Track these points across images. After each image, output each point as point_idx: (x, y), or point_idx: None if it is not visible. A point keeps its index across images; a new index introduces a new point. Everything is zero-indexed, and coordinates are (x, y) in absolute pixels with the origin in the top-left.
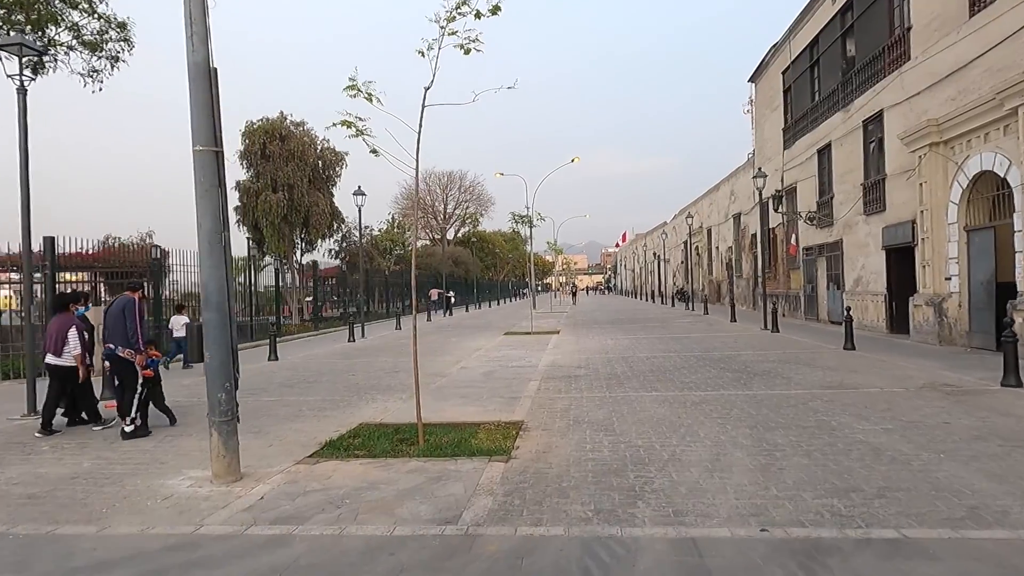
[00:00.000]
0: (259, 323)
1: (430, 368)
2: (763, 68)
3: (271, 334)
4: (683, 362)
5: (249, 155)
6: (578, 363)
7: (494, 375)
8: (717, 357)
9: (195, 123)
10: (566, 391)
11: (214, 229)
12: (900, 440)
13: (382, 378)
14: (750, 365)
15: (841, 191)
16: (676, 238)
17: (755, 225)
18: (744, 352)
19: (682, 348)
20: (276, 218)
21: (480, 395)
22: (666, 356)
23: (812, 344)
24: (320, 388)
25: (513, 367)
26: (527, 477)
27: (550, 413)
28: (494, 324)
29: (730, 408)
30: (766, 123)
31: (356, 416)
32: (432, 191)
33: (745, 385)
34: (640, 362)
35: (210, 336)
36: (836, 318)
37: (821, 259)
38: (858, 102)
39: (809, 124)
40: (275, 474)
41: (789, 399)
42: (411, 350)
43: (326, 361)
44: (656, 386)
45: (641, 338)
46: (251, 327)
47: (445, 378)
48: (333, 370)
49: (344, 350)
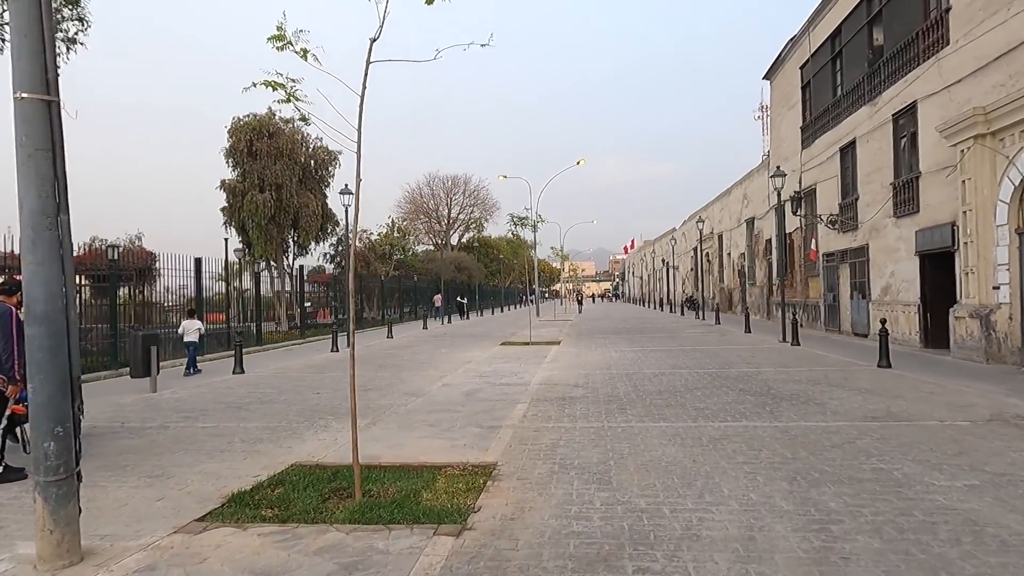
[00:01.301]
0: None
1: (406, 386)
2: (779, 64)
3: (236, 343)
4: (696, 381)
5: (235, 153)
6: (576, 380)
7: (477, 395)
8: (734, 375)
9: (17, 60)
10: (556, 419)
11: (41, 211)
12: (998, 506)
13: (344, 399)
14: (774, 386)
15: (867, 192)
16: (685, 244)
17: (770, 230)
18: (765, 369)
19: (694, 363)
20: (263, 219)
21: (454, 423)
22: (676, 373)
23: (840, 360)
24: (271, 410)
25: (501, 385)
26: (479, 569)
27: (532, 452)
28: (492, 333)
29: (758, 448)
30: (783, 122)
31: (295, 451)
32: (436, 195)
33: (772, 413)
34: (646, 380)
35: (34, 361)
36: (861, 330)
37: (844, 266)
38: (887, 94)
39: (830, 121)
40: (133, 552)
41: (830, 434)
42: (395, 362)
43: (295, 375)
44: (665, 413)
45: (648, 350)
46: (228, 335)
47: (420, 399)
48: (298, 387)
49: (322, 362)
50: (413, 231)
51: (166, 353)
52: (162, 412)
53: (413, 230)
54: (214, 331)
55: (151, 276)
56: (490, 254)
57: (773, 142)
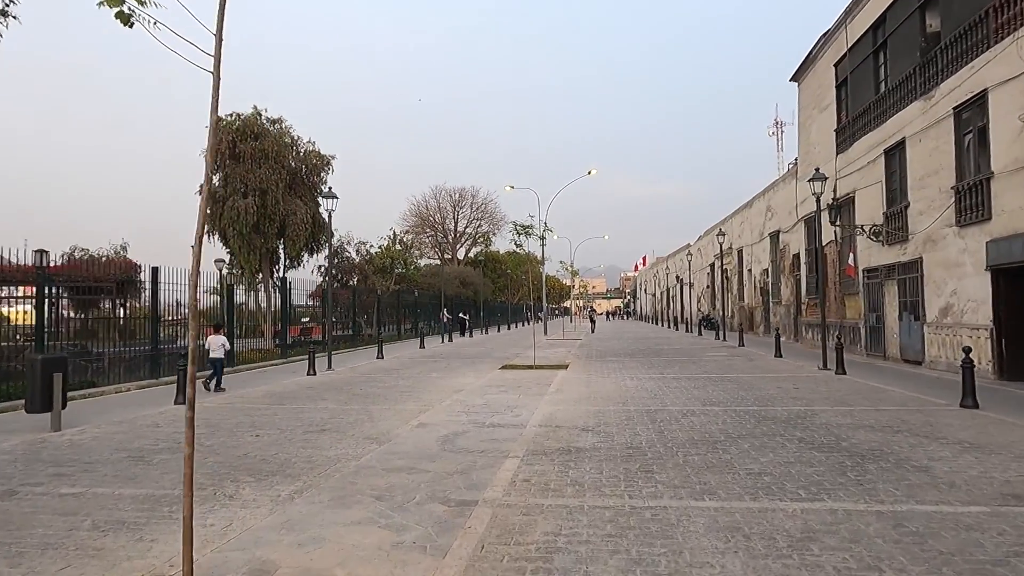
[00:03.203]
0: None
1: (372, 426)
2: (809, 63)
3: (178, 368)
4: (736, 424)
5: (216, 155)
6: (585, 421)
7: (456, 443)
8: (783, 416)
9: None
10: (556, 489)
11: None
12: None
13: (286, 445)
14: (842, 434)
15: (920, 198)
16: (701, 260)
17: (798, 244)
18: (819, 408)
19: (727, 396)
20: (245, 227)
21: (412, 494)
22: (708, 411)
23: (908, 396)
24: (178, 463)
25: (491, 427)
26: None
27: (513, 566)
28: (494, 353)
29: (873, 563)
30: (813, 126)
31: (150, 555)
32: (442, 208)
33: (862, 485)
34: (673, 421)
35: None
36: (912, 356)
37: (890, 282)
38: (946, 85)
39: (872, 121)
40: None
41: (971, 532)
42: (372, 390)
43: (246, 407)
44: (708, 480)
45: (669, 378)
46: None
47: (381, 447)
48: (240, 425)
49: (289, 388)
50: (418, 244)
51: (115, 376)
52: (36, 464)
53: (418, 243)
54: (176, 351)
55: (135, 288)
56: (497, 269)
57: (802, 148)
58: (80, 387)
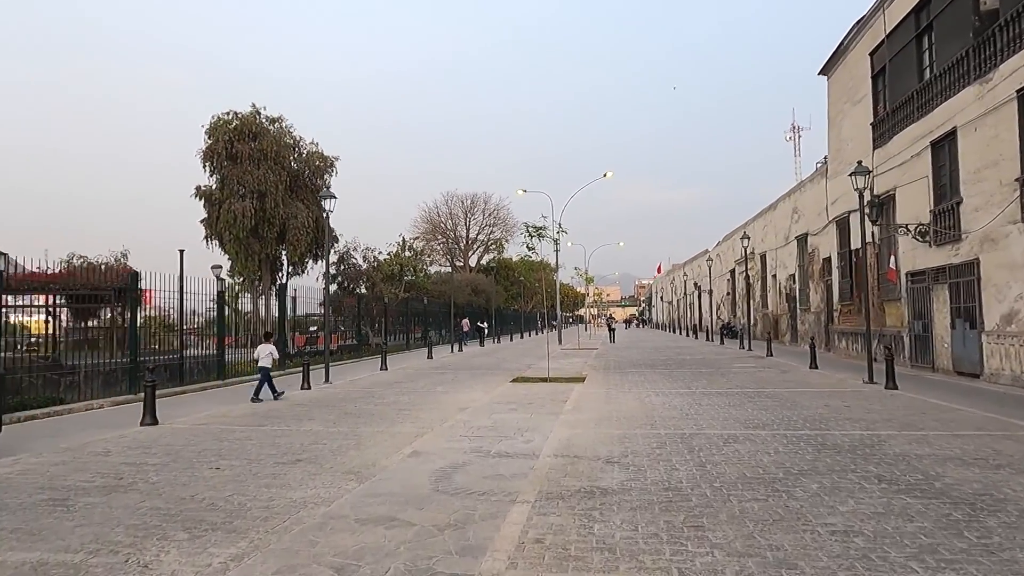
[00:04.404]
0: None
1: (356, 456)
2: (840, 55)
3: (145, 385)
4: (791, 453)
5: (213, 156)
6: (609, 449)
7: (452, 481)
8: (845, 444)
9: None
10: (579, 556)
11: None
12: None
13: (247, 483)
14: (928, 470)
15: (975, 193)
16: (721, 266)
17: (828, 247)
18: (884, 433)
19: (771, 417)
20: (242, 231)
21: (381, 565)
22: (754, 437)
23: (983, 417)
24: (107, 510)
25: (497, 457)
26: None
27: None
28: (505, 364)
29: None
30: (844, 121)
31: None
32: (454, 214)
33: (991, 551)
34: (714, 450)
35: None
36: (968, 368)
37: (938, 287)
38: (1007, 66)
39: (916, 111)
40: None
41: None
42: (367, 408)
43: (219, 429)
44: (780, 543)
45: (699, 393)
46: (182, 368)
47: (361, 486)
48: (203, 453)
49: (276, 406)
50: (429, 251)
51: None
52: None
53: (429, 250)
54: (162, 363)
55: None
56: (510, 277)
57: (832, 145)
58: (45, 404)
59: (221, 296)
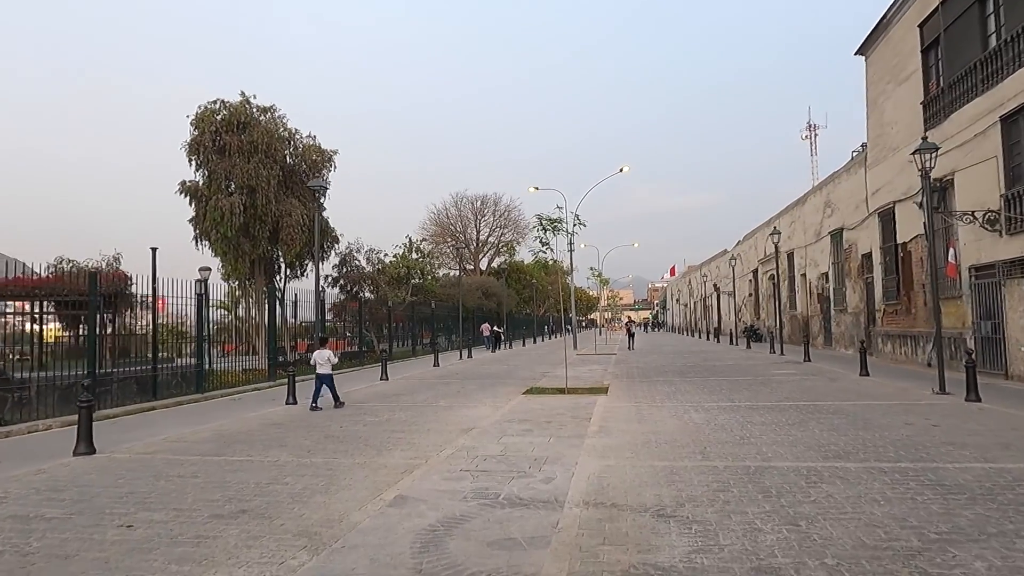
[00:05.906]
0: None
1: (322, 505)
2: (881, 30)
3: (79, 405)
4: (908, 501)
5: (199, 148)
6: (656, 493)
7: (443, 551)
8: (973, 485)
9: None
10: None
11: None
12: None
13: (159, 552)
14: None
15: None
16: (742, 267)
17: (869, 241)
18: (1011, 467)
19: (849, 441)
20: (230, 229)
21: None
22: (841, 471)
23: None
24: None
25: (507, 505)
26: None
27: None
28: (517, 372)
29: None
30: (887, 102)
31: None
32: (464, 216)
33: None
34: (800, 496)
35: None
36: None
37: (1012, 282)
38: None
39: (979, 84)
40: None
41: None
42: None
43: (166, 459)
44: None
45: (744, 408)
46: (155, 380)
47: (311, 560)
48: (119, 498)
49: (248, 427)
50: (439, 254)
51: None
52: None
53: (439, 253)
54: (131, 375)
55: (127, 302)
56: (522, 280)
57: (873, 130)
58: None
59: (201, 298)
